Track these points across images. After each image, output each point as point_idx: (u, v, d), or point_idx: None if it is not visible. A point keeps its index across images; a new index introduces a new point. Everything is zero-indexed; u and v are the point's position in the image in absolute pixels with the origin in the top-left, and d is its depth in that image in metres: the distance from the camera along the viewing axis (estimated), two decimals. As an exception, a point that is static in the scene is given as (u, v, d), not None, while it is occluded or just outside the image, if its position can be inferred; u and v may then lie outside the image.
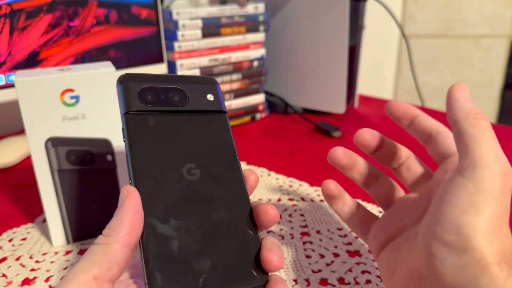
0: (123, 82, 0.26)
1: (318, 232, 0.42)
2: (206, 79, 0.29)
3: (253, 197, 0.49)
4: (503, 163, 0.23)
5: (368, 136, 0.33)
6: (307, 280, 0.35)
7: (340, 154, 0.33)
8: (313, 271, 0.37)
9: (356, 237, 0.41)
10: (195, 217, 0.24)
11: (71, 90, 0.36)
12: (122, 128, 0.25)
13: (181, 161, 0.25)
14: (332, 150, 0.33)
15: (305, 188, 0.51)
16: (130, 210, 0.22)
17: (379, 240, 0.30)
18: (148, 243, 0.22)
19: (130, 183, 0.24)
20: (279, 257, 0.23)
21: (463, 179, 0.23)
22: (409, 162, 0.33)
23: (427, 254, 0.23)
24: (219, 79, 0.71)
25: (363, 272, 0.36)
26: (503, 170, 0.23)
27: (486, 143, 0.24)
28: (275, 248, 0.24)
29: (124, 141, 0.25)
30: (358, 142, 0.33)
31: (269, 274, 0.24)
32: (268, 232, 0.43)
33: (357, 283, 0.35)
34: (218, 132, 0.27)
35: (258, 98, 0.77)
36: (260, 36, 0.74)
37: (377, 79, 1.43)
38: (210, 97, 0.28)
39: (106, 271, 0.21)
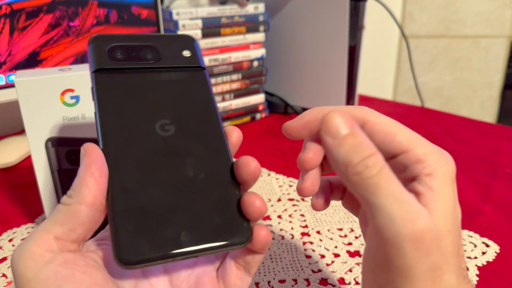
0: (93, 42, 0.25)
1: (318, 232, 0.42)
2: (182, 36, 0.27)
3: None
4: (411, 224, 0.19)
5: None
6: (307, 280, 0.35)
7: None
8: (313, 271, 0.37)
9: (356, 237, 0.41)
10: (170, 173, 0.22)
11: (71, 90, 0.36)
12: (92, 88, 0.24)
13: (154, 118, 0.24)
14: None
15: (305, 188, 0.51)
16: (90, 167, 0.21)
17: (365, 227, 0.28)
18: (114, 200, 0.20)
19: (98, 142, 0.22)
20: (262, 200, 0.22)
21: (379, 264, 0.21)
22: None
23: None
24: (219, 79, 0.71)
25: (363, 272, 0.36)
26: (415, 233, 0.19)
27: (384, 210, 0.20)
28: (257, 195, 0.22)
29: (93, 101, 0.23)
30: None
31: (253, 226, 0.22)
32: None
33: (357, 283, 0.35)
34: (196, 88, 0.26)
35: (258, 98, 0.77)
36: (260, 36, 0.74)
37: (377, 79, 1.43)
38: (186, 53, 0.27)
39: (70, 231, 0.20)
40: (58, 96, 0.36)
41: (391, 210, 0.19)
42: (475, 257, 0.38)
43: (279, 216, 0.45)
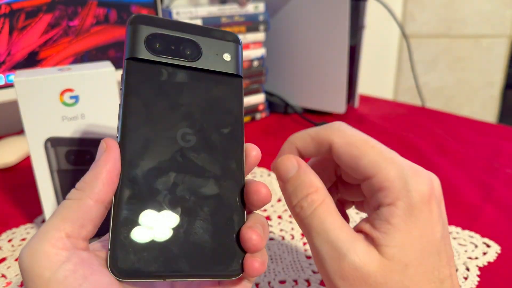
0: (133, 23, 0.23)
1: (318, 232, 0.42)
2: (228, 35, 0.26)
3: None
4: (337, 262, 0.20)
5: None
6: (307, 280, 0.35)
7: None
8: (314, 272, 0.36)
9: (357, 238, 0.41)
10: (179, 188, 0.22)
11: (71, 90, 0.36)
12: (122, 75, 0.23)
13: (178, 124, 0.23)
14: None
15: (305, 188, 0.50)
16: (108, 164, 0.20)
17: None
18: (120, 205, 0.20)
19: (117, 137, 0.22)
20: (259, 236, 0.21)
21: None
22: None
23: None
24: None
25: (363, 272, 0.36)
26: (341, 271, 0.20)
27: (317, 249, 0.21)
28: (257, 226, 0.22)
29: (120, 89, 0.22)
30: None
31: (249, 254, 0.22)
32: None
33: (357, 283, 0.35)
34: (227, 98, 0.24)
35: (258, 98, 0.77)
36: (260, 36, 0.74)
37: (377, 79, 1.43)
38: (227, 56, 0.25)
39: (80, 228, 0.20)
40: (57, 96, 0.35)
41: (321, 249, 0.21)
42: (476, 258, 0.38)
43: (279, 217, 0.45)
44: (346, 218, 0.29)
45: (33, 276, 0.19)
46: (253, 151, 0.24)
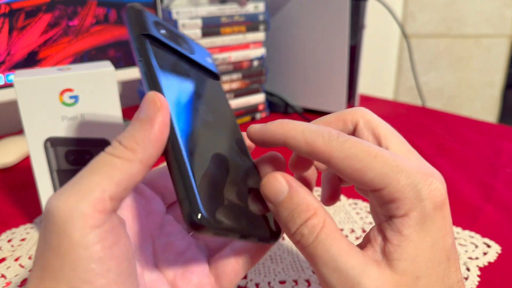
0: (134, 9, 0.23)
1: (318, 232, 0.42)
2: (203, 47, 0.29)
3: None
4: None
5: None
6: (307, 280, 0.35)
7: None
8: (314, 272, 0.36)
9: (357, 238, 0.41)
10: (217, 155, 0.22)
11: (70, 90, 0.36)
12: (137, 48, 0.22)
13: (197, 99, 0.23)
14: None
15: (305, 188, 0.50)
16: (161, 126, 0.19)
17: None
18: (191, 161, 0.19)
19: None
20: None
21: None
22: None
23: None
24: (219, 79, 0.71)
25: (363, 273, 0.36)
26: None
27: (325, 279, 0.19)
28: None
29: (140, 60, 0.22)
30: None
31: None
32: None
33: (357, 284, 0.35)
34: (217, 91, 0.27)
35: (258, 98, 0.77)
36: (260, 36, 0.74)
37: (377, 79, 1.43)
38: (209, 59, 0.28)
39: (123, 191, 0.18)
40: (57, 96, 0.35)
41: (330, 279, 0.19)
42: (476, 258, 0.38)
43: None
44: (337, 194, 0.28)
45: (60, 231, 0.17)
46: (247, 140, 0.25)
